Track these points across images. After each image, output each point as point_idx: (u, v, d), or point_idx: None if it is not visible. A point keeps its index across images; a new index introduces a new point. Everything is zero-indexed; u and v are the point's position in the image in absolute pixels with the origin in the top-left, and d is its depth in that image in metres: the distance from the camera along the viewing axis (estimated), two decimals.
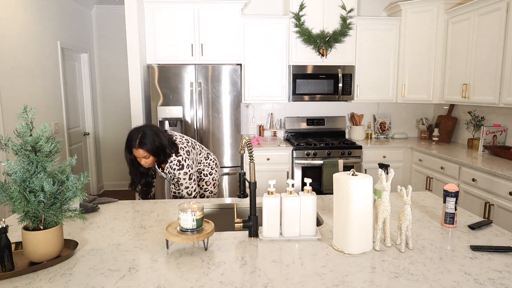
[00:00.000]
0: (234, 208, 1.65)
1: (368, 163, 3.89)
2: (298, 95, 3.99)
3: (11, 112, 3.23)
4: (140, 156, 2.02)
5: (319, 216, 1.71)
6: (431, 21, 3.82)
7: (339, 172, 1.36)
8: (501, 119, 3.44)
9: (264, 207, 1.42)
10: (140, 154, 2.00)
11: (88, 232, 1.51)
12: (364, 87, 4.11)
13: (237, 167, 3.76)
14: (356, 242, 1.29)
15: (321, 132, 4.38)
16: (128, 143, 2.02)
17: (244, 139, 1.48)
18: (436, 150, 3.57)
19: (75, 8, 4.59)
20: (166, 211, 1.79)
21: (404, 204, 1.34)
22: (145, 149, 1.99)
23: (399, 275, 1.15)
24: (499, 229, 1.51)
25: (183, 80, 3.62)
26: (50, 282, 1.11)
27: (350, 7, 3.91)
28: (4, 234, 1.18)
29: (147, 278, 1.13)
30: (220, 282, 1.11)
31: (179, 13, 3.79)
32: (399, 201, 1.90)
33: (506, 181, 2.60)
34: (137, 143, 1.98)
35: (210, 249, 1.34)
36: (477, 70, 3.30)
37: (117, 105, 5.29)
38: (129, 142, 2.02)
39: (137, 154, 2.01)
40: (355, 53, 4.03)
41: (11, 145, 1.19)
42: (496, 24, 3.04)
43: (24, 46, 3.48)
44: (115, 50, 5.18)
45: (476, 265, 1.21)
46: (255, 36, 3.93)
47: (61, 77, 4.20)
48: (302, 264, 1.22)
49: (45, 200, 1.19)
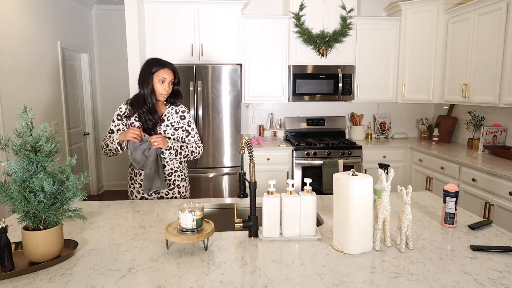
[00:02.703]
0: (234, 208, 1.64)
1: (368, 163, 3.89)
2: (298, 95, 3.99)
3: (11, 112, 3.23)
4: (167, 78, 1.97)
5: (319, 216, 1.71)
6: (431, 21, 3.82)
7: (339, 172, 1.36)
8: (501, 119, 3.44)
9: (264, 207, 1.42)
10: (169, 75, 1.98)
11: (88, 232, 1.51)
12: (364, 87, 4.11)
13: (237, 167, 3.76)
14: (356, 242, 1.29)
15: (321, 132, 4.38)
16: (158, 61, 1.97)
17: (244, 139, 1.48)
18: (436, 150, 3.57)
19: (75, 8, 4.59)
20: (166, 211, 1.79)
21: (404, 204, 1.34)
22: (175, 73, 2.00)
23: (399, 275, 1.15)
24: (499, 229, 1.51)
25: (183, 80, 3.62)
26: (50, 282, 1.11)
27: (350, 7, 3.91)
28: (4, 234, 1.18)
29: (147, 278, 1.13)
30: (220, 282, 1.11)
31: (179, 13, 3.79)
32: (399, 201, 1.90)
33: (506, 181, 2.60)
34: (169, 63, 1.98)
35: (210, 249, 1.34)
36: (477, 70, 3.30)
37: (117, 105, 5.26)
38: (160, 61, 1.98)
39: (166, 75, 1.97)
40: (355, 53, 4.03)
41: (11, 145, 1.19)
42: (496, 24, 3.04)
43: (24, 46, 3.48)
44: (115, 50, 5.18)
45: (476, 265, 1.21)
46: (255, 36, 3.93)
47: (61, 77, 4.20)
48: (302, 264, 1.22)
49: (45, 200, 1.19)
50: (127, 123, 2.05)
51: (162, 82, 1.98)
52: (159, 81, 1.98)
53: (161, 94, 2.00)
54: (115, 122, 2.06)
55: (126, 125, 2.06)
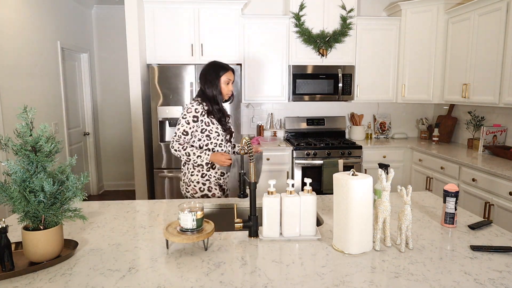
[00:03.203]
0: (234, 208, 1.64)
1: (368, 163, 3.89)
2: (298, 95, 3.99)
3: (11, 112, 3.23)
4: (231, 79, 2.21)
5: (319, 216, 1.71)
6: (431, 21, 3.82)
7: (339, 172, 1.36)
8: (501, 119, 3.44)
9: (264, 207, 1.42)
10: (232, 76, 2.22)
11: (88, 232, 1.51)
12: (364, 87, 4.11)
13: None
14: (356, 242, 1.29)
15: (321, 132, 4.38)
16: (222, 65, 2.21)
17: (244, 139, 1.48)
18: (436, 150, 3.57)
19: (75, 8, 4.59)
20: (166, 211, 1.79)
21: (404, 204, 1.34)
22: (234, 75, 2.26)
23: (399, 275, 1.15)
24: (499, 229, 1.51)
25: (183, 80, 3.62)
26: (50, 282, 1.11)
27: (350, 7, 3.91)
28: (4, 234, 1.18)
29: (147, 278, 1.13)
30: (220, 282, 1.11)
31: (179, 13, 3.79)
32: (399, 201, 1.90)
33: (506, 181, 2.60)
34: (229, 66, 2.22)
35: (210, 249, 1.34)
36: (477, 70, 3.30)
37: (117, 105, 5.29)
38: (224, 65, 2.22)
39: (230, 76, 2.21)
40: (355, 53, 4.03)
41: (11, 145, 1.19)
42: (496, 24, 3.04)
43: (24, 46, 3.48)
44: (115, 50, 5.17)
45: (476, 265, 1.21)
46: (255, 36, 3.93)
47: (61, 77, 4.20)
48: (302, 264, 1.22)
49: (45, 200, 1.19)
50: (203, 122, 2.15)
51: (227, 83, 2.21)
52: (224, 82, 2.19)
53: (227, 94, 2.23)
54: (190, 124, 2.13)
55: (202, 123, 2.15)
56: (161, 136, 3.71)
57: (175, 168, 3.73)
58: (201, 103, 2.14)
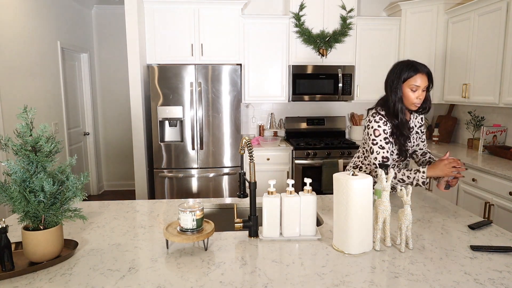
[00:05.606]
0: (234, 208, 1.65)
1: None
2: (298, 95, 3.99)
3: (11, 112, 3.23)
4: (421, 86, 1.69)
5: (319, 216, 1.71)
6: (431, 21, 3.82)
7: (339, 172, 1.36)
8: (501, 119, 3.44)
9: (264, 207, 1.42)
10: (423, 81, 1.68)
11: (88, 232, 1.51)
12: (364, 87, 4.11)
13: (237, 167, 3.76)
14: (356, 242, 1.29)
15: (321, 132, 4.38)
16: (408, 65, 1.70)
17: (244, 139, 1.48)
18: (436, 150, 3.57)
19: (75, 8, 4.59)
20: (166, 211, 1.79)
21: (404, 204, 1.34)
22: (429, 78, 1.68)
23: (399, 275, 1.14)
24: (499, 229, 1.51)
25: (183, 80, 3.62)
26: (50, 282, 1.11)
27: (350, 7, 3.91)
28: (4, 234, 1.18)
29: (147, 278, 1.13)
30: (220, 282, 1.11)
31: (179, 13, 3.79)
32: (399, 201, 1.90)
33: (506, 181, 2.60)
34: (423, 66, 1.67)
35: (210, 249, 1.34)
36: (477, 70, 3.30)
37: (117, 105, 5.29)
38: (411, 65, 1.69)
39: (419, 82, 1.68)
40: (355, 53, 4.03)
41: (11, 145, 1.19)
42: (496, 24, 3.04)
43: (24, 46, 3.48)
44: (115, 50, 5.18)
45: (476, 265, 1.21)
46: (255, 36, 3.93)
47: (61, 77, 4.20)
48: (302, 264, 1.22)
49: (45, 200, 1.19)
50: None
51: (414, 90, 1.72)
52: (410, 89, 1.72)
53: (413, 104, 1.74)
54: (385, 148, 1.74)
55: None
56: (161, 136, 3.71)
57: (175, 168, 3.73)
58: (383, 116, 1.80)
